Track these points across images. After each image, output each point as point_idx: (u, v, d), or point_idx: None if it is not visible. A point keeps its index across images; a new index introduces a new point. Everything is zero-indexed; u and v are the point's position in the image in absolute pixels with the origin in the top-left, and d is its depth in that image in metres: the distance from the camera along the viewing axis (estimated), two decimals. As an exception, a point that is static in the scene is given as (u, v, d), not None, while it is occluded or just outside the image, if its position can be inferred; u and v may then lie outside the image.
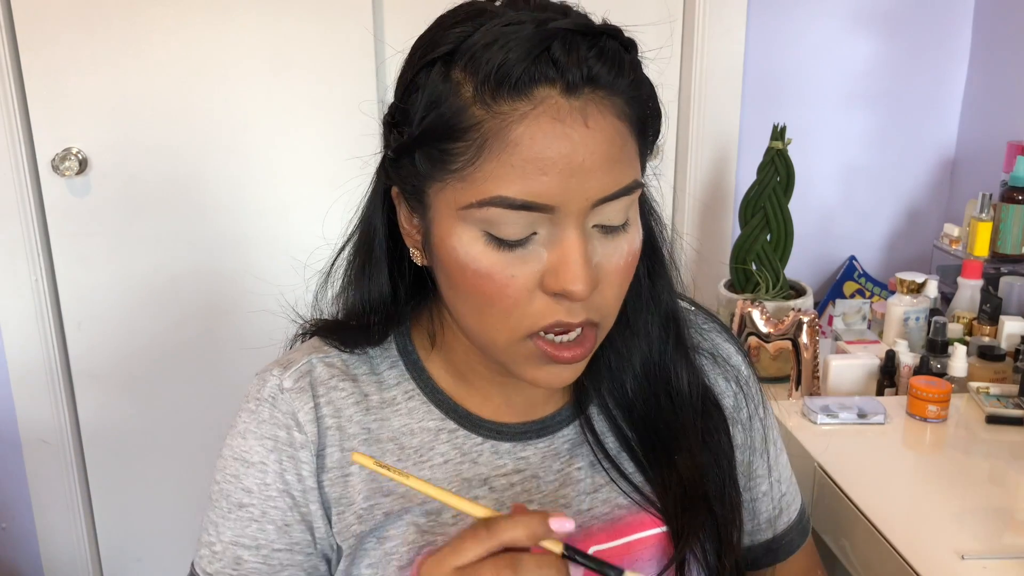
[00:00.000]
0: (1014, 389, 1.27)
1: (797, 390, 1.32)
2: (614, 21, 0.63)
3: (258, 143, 1.70)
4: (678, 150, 1.81)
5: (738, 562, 0.76)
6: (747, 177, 1.65)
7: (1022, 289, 1.44)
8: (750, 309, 1.34)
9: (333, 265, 0.74)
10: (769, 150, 1.52)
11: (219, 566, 0.71)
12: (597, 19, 0.62)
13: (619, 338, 0.73)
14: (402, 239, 0.69)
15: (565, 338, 0.62)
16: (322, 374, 0.71)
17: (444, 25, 0.61)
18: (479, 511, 0.56)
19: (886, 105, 1.83)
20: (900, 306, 1.42)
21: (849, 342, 1.42)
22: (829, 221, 1.88)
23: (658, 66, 0.68)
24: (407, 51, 0.64)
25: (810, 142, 1.79)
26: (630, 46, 0.62)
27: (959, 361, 1.30)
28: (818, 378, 1.32)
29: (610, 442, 0.74)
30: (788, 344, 1.32)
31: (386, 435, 0.71)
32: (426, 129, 0.59)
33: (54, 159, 1.64)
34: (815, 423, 1.21)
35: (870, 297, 1.83)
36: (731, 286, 1.59)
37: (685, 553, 0.72)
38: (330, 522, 0.70)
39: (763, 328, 1.33)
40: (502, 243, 0.59)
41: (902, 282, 1.45)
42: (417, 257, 0.67)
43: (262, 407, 0.70)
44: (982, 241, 1.53)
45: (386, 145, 0.65)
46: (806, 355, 1.31)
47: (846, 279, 1.87)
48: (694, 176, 1.79)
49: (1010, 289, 1.44)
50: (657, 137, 0.66)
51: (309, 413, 0.69)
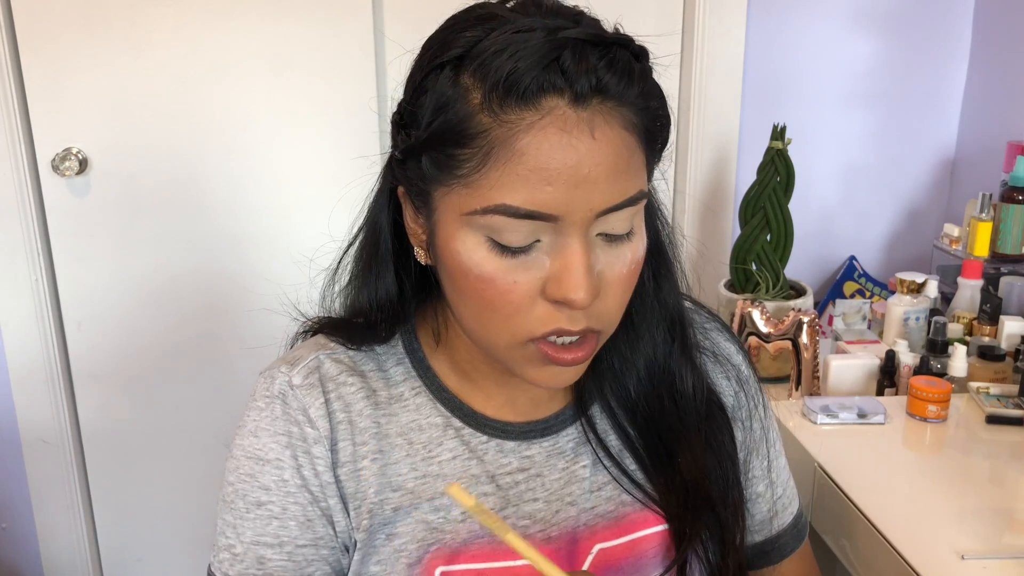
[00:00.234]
0: (1014, 389, 1.27)
1: (797, 390, 1.32)
2: (611, 20, 0.62)
3: (258, 143, 1.70)
4: (678, 150, 1.81)
5: (741, 563, 0.76)
6: (747, 177, 1.65)
7: (1022, 289, 1.44)
8: (750, 309, 1.34)
9: (340, 263, 0.74)
10: (769, 150, 1.52)
11: (241, 568, 0.69)
12: (608, 26, 0.61)
13: (623, 340, 0.73)
14: (407, 237, 0.69)
15: (566, 339, 0.62)
16: (330, 370, 0.71)
17: (454, 28, 0.61)
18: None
19: (886, 105, 1.83)
20: (900, 306, 1.42)
21: (849, 342, 1.42)
22: (829, 221, 1.88)
23: (658, 67, 0.67)
24: (416, 51, 0.64)
25: (810, 142, 1.79)
26: (641, 55, 0.61)
27: (959, 361, 1.30)
28: (818, 378, 1.32)
29: (612, 441, 0.74)
30: (788, 344, 1.32)
31: (395, 430, 0.71)
32: (433, 133, 0.59)
33: (54, 159, 1.63)
34: (815, 423, 1.21)
35: (870, 297, 1.83)
36: (731, 286, 1.58)
37: (687, 554, 0.72)
38: (349, 516, 0.70)
39: (763, 328, 1.33)
40: (505, 250, 0.59)
41: (902, 282, 1.45)
42: (421, 256, 0.68)
43: (273, 404, 0.70)
44: (982, 241, 1.53)
45: (393, 145, 0.65)
46: (806, 355, 1.31)
47: (846, 279, 1.87)
48: (694, 176, 1.79)
49: (1010, 289, 1.44)
50: (665, 145, 0.66)
51: (320, 408, 0.69)
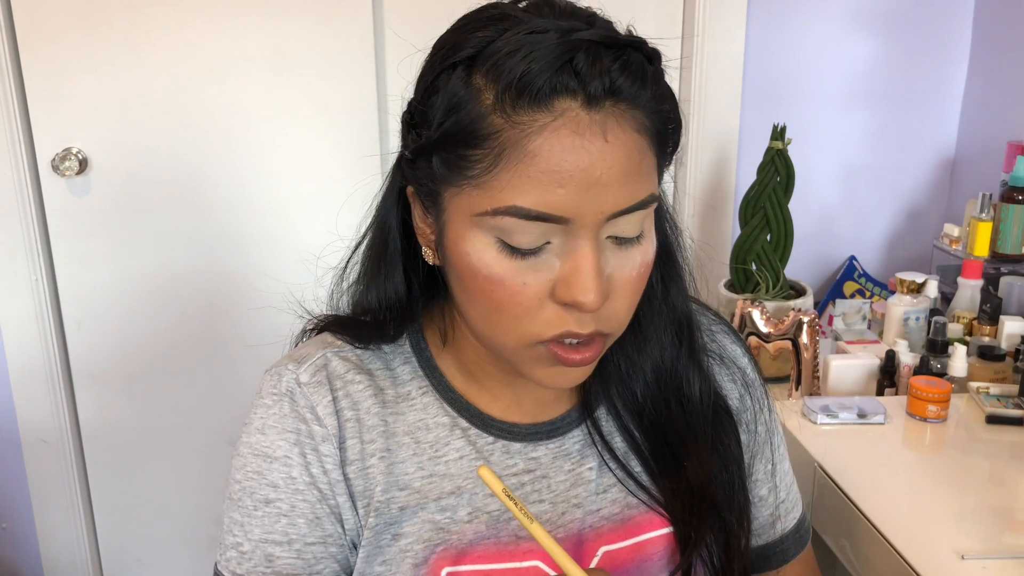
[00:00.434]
0: (1014, 389, 1.27)
1: (797, 390, 1.32)
2: (622, 22, 0.62)
3: (258, 143, 1.70)
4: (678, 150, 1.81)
5: (746, 568, 0.75)
6: (747, 177, 1.65)
7: (1022, 289, 1.44)
8: (750, 309, 1.34)
9: (348, 262, 0.74)
10: (769, 150, 1.52)
11: (249, 566, 0.69)
12: (621, 28, 0.61)
13: (631, 343, 0.73)
14: (415, 237, 0.68)
15: (574, 340, 0.62)
16: (338, 368, 0.71)
17: (467, 28, 0.60)
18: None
19: (886, 105, 1.83)
20: (900, 306, 1.42)
21: (849, 342, 1.42)
22: (829, 221, 1.88)
23: (669, 69, 0.67)
24: (425, 50, 0.64)
25: (810, 142, 1.79)
26: (654, 57, 0.61)
27: (959, 361, 1.30)
28: (818, 378, 1.32)
29: (618, 443, 0.74)
30: (788, 344, 1.32)
31: (402, 429, 0.70)
32: (444, 133, 0.59)
33: (54, 159, 1.63)
34: (815, 423, 1.21)
35: (870, 297, 1.83)
36: (731, 286, 1.58)
37: (692, 559, 0.72)
38: (357, 514, 0.70)
39: (763, 328, 1.33)
40: (515, 251, 0.59)
41: (902, 282, 1.45)
42: (429, 256, 0.67)
43: (281, 402, 0.70)
44: (982, 241, 1.53)
45: (403, 144, 0.65)
46: (806, 355, 1.31)
47: (846, 279, 1.87)
48: (694, 176, 1.79)
49: (1010, 289, 1.44)
50: (676, 148, 0.66)
51: (328, 407, 0.69)
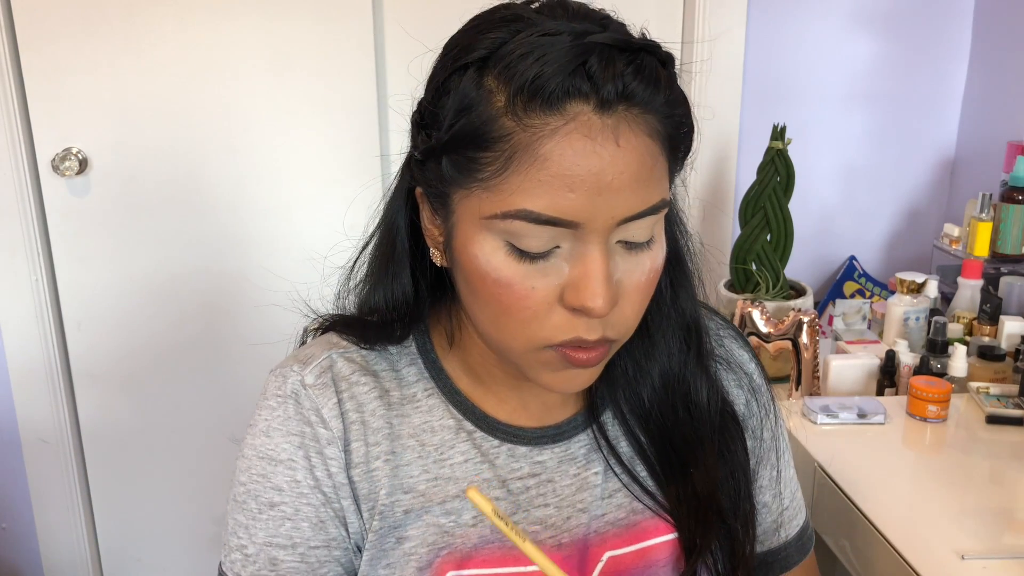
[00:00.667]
0: (1014, 389, 1.27)
1: (797, 390, 1.32)
2: (636, 24, 0.61)
3: (258, 143, 1.70)
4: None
5: (750, 574, 0.75)
6: (747, 177, 1.65)
7: (1022, 289, 1.44)
8: (750, 309, 1.34)
9: (356, 262, 0.74)
10: (769, 150, 1.52)
11: (254, 569, 0.69)
12: (635, 31, 0.60)
13: (638, 347, 0.72)
14: (423, 238, 0.68)
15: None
16: (343, 369, 0.70)
17: (479, 28, 0.60)
18: None
19: (886, 105, 1.83)
20: (900, 306, 1.42)
21: (849, 342, 1.42)
22: (829, 221, 1.88)
23: (684, 73, 0.67)
24: (438, 50, 0.63)
25: (810, 142, 1.79)
26: (667, 61, 0.60)
27: (959, 361, 1.30)
28: (818, 378, 1.32)
29: (624, 448, 0.74)
30: (788, 344, 1.32)
31: (407, 431, 0.70)
32: (455, 135, 0.58)
33: (54, 159, 1.63)
34: (815, 423, 1.21)
35: (870, 297, 1.83)
36: (731, 286, 1.58)
37: (697, 566, 0.71)
38: (362, 517, 0.69)
39: (763, 328, 1.33)
40: (524, 255, 0.59)
41: (902, 282, 1.45)
42: (437, 258, 0.67)
43: (286, 404, 0.69)
44: (982, 241, 1.53)
45: (413, 145, 0.65)
46: (806, 355, 1.31)
47: (846, 279, 1.87)
48: (694, 176, 1.79)
49: (1010, 289, 1.44)
50: (688, 153, 0.65)
51: (333, 409, 0.69)
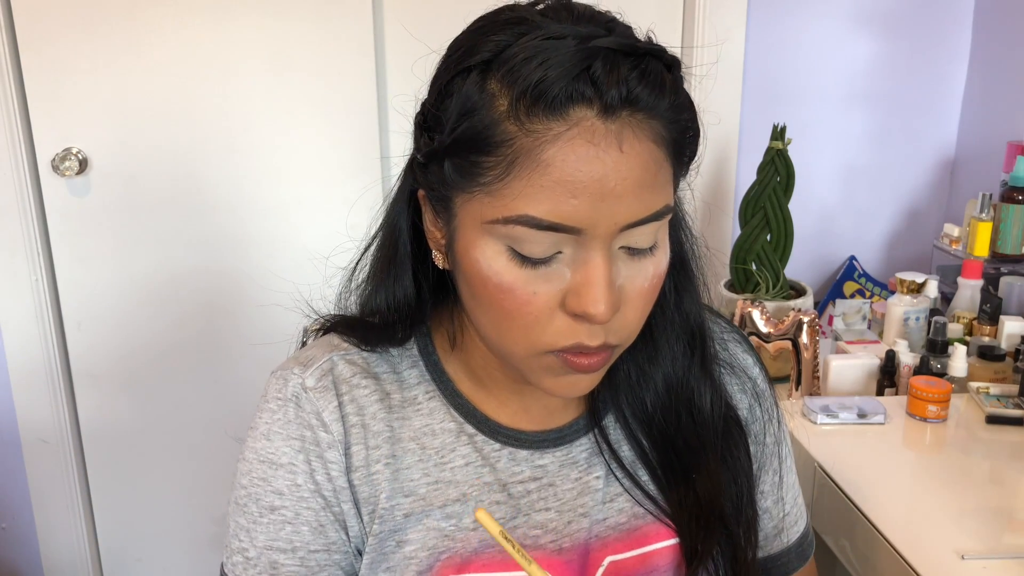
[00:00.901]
0: (1014, 389, 1.27)
1: (797, 390, 1.32)
2: (642, 27, 0.61)
3: (258, 143, 1.70)
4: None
5: None
6: (747, 177, 1.65)
7: (1022, 289, 1.44)
8: (750, 309, 1.34)
9: (358, 264, 0.74)
10: (769, 150, 1.52)
11: (255, 572, 0.69)
12: (640, 34, 0.60)
13: (642, 352, 0.72)
14: (425, 240, 0.68)
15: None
16: (344, 372, 0.70)
17: (483, 31, 0.59)
18: None
19: (886, 105, 1.83)
20: (900, 306, 1.42)
21: (849, 342, 1.42)
22: (829, 221, 1.88)
23: (691, 77, 0.66)
24: (441, 51, 0.63)
25: (810, 142, 1.79)
26: (673, 66, 0.60)
27: (959, 361, 1.30)
28: (818, 378, 1.32)
29: (626, 452, 0.73)
30: (788, 344, 1.32)
31: (407, 434, 0.70)
32: (457, 139, 0.58)
33: (54, 159, 1.63)
34: (815, 423, 1.21)
35: (870, 297, 1.83)
36: (731, 286, 1.58)
37: (699, 572, 0.71)
38: (362, 520, 0.69)
39: (763, 328, 1.33)
40: (526, 260, 0.58)
41: (902, 282, 1.45)
42: (439, 260, 0.67)
43: (286, 407, 0.69)
44: (982, 241, 1.53)
45: (416, 148, 0.64)
46: (806, 355, 1.30)
47: (846, 279, 1.87)
48: (694, 176, 1.79)
49: (1010, 289, 1.44)
50: (693, 158, 0.65)
51: (334, 412, 0.68)
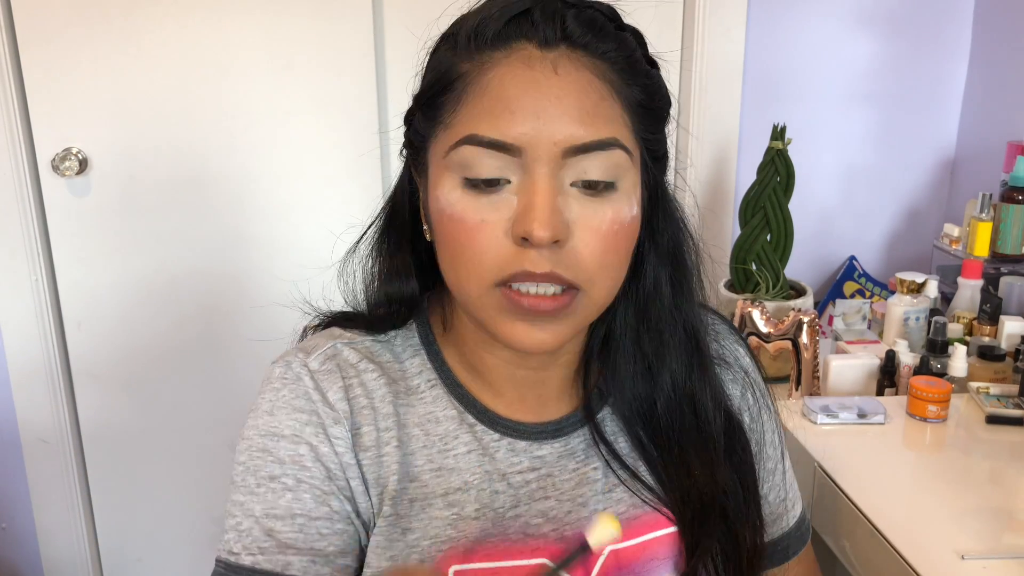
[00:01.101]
0: (1014, 389, 1.27)
1: (797, 390, 1.32)
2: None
3: (258, 143, 1.70)
4: (678, 150, 1.81)
5: (755, 568, 0.75)
6: (747, 177, 1.65)
7: (1022, 289, 1.44)
8: (750, 309, 1.34)
9: (358, 243, 0.75)
10: (769, 150, 1.52)
11: (248, 541, 0.67)
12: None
13: (634, 342, 0.73)
14: (422, 227, 0.70)
15: (535, 290, 0.62)
16: (349, 357, 0.71)
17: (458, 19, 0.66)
18: None
19: (886, 105, 1.83)
20: (900, 306, 1.42)
21: (849, 342, 1.42)
22: (829, 221, 1.88)
23: (660, 67, 0.69)
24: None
25: (810, 142, 1.79)
26: (614, 18, 0.64)
27: (959, 361, 1.30)
28: (818, 378, 1.32)
29: (622, 444, 0.74)
30: (788, 344, 1.32)
31: (412, 420, 0.70)
32: (424, 88, 0.65)
33: (54, 159, 1.63)
34: (815, 423, 1.21)
35: (870, 297, 1.83)
36: (731, 286, 1.58)
37: (698, 567, 0.72)
38: (371, 500, 0.69)
39: (763, 328, 1.33)
40: (476, 186, 0.61)
41: (902, 282, 1.45)
42: (428, 234, 0.68)
43: (290, 385, 0.69)
44: (982, 241, 1.53)
45: (406, 128, 0.69)
46: (806, 355, 1.31)
47: (846, 279, 1.87)
48: (694, 176, 1.79)
49: (1010, 289, 1.44)
50: (659, 116, 0.68)
51: (339, 392, 0.69)
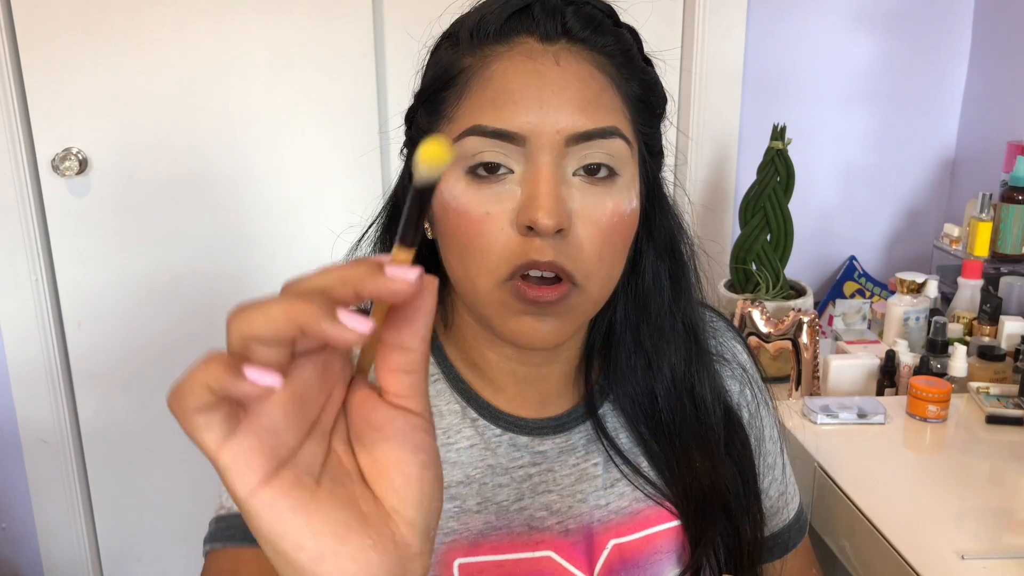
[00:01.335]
0: (1014, 389, 1.27)
1: (797, 390, 1.32)
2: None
3: (258, 143, 1.70)
4: (678, 150, 1.81)
5: (755, 562, 0.76)
6: (747, 177, 1.65)
7: (1022, 289, 1.44)
8: (750, 309, 1.34)
9: (360, 242, 0.75)
10: (769, 150, 1.52)
11: (231, 504, 0.67)
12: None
13: (633, 338, 0.73)
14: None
15: (537, 274, 0.61)
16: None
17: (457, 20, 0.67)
18: None
19: (886, 105, 1.83)
20: (900, 306, 1.42)
21: (849, 342, 1.42)
22: (829, 221, 1.88)
23: (658, 66, 0.70)
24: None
25: (810, 142, 1.79)
26: (611, 14, 0.66)
27: (959, 361, 1.30)
28: (818, 378, 1.32)
29: (623, 439, 0.74)
30: (788, 344, 1.32)
31: None
32: (427, 84, 0.66)
33: (54, 159, 1.63)
34: (815, 423, 1.21)
35: (870, 297, 1.83)
36: (731, 286, 1.58)
37: (702, 560, 0.72)
38: None
39: (763, 328, 1.33)
40: (480, 179, 0.61)
41: (902, 282, 1.45)
42: (429, 231, 0.68)
43: None
44: (982, 241, 1.53)
45: (407, 124, 0.70)
46: (806, 355, 1.31)
47: (846, 279, 1.87)
48: (694, 176, 1.79)
49: (1010, 289, 1.44)
50: (656, 110, 0.69)
51: None
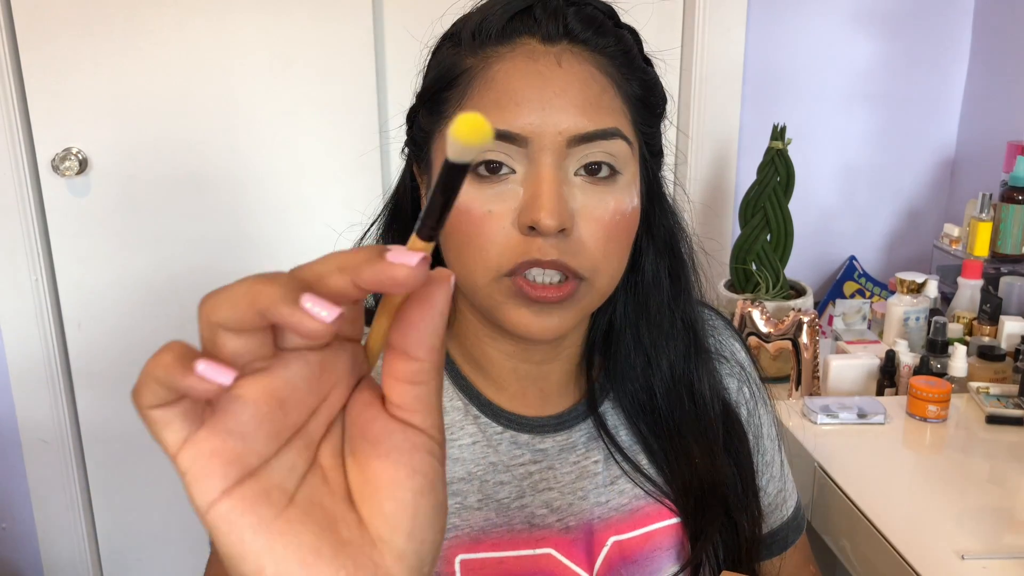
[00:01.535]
0: (1014, 389, 1.27)
1: (797, 390, 1.32)
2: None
3: (258, 142, 1.70)
4: (678, 150, 1.81)
5: (754, 558, 0.76)
6: (747, 177, 1.65)
7: (1022, 289, 1.44)
8: (750, 309, 1.34)
9: (361, 241, 0.76)
10: (769, 150, 1.52)
11: None
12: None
13: (634, 336, 0.73)
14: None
15: (542, 278, 0.62)
16: None
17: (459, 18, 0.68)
18: None
19: (886, 105, 1.83)
20: (900, 306, 1.42)
21: (849, 342, 1.42)
22: (829, 221, 1.88)
23: (658, 66, 0.70)
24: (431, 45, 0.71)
25: (810, 142, 1.79)
26: (612, 15, 0.66)
27: (959, 361, 1.30)
28: (818, 378, 1.32)
29: (623, 437, 0.75)
30: (788, 344, 1.32)
31: None
32: (428, 84, 0.66)
33: (54, 159, 1.63)
34: (815, 423, 1.21)
35: (870, 297, 1.83)
36: (731, 286, 1.58)
37: (701, 556, 0.72)
38: None
39: (763, 328, 1.33)
40: (482, 178, 0.61)
41: (902, 282, 1.45)
42: None
43: None
44: (982, 241, 1.53)
45: (408, 123, 0.70)
46: (806, 355, 1.31)
47: (846, 279, 1.87)
48: (694, 176, 1.79)
49: (1010, 289, 1.44)
50: (655, 111, 0.69)
51: None
